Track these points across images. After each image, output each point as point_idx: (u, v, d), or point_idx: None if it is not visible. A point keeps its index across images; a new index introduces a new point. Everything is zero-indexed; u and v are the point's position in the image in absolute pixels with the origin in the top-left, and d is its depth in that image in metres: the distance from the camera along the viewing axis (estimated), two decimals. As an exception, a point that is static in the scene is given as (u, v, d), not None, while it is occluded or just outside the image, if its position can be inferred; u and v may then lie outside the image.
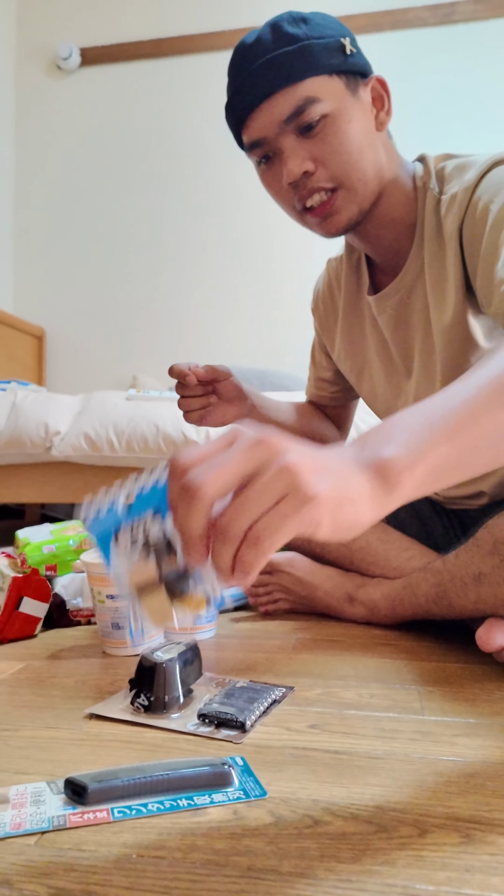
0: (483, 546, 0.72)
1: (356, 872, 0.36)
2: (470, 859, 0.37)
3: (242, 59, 0.73)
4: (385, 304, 0.84)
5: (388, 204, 0.78)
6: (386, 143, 0.77)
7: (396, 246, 0.81)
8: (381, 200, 0.78)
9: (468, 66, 2.56)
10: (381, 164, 0.76)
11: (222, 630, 0.91)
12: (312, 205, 0.75)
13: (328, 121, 0.71)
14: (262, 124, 0.73)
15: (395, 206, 0.78)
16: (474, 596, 0.73)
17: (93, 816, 0.42)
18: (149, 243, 2.78)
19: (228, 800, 0.44)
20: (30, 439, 1.62)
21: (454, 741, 0.53)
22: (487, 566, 0.71)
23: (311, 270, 2.65)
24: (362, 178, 0.74)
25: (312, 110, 0.70)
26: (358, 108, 0.73)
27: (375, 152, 0.75)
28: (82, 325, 2.81)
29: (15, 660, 0.77)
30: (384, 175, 0.76)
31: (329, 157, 0.72)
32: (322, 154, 0.72)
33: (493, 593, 0.71)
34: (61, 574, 0.94)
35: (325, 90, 0.71)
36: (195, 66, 2.77)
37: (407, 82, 2.54)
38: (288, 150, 0.73)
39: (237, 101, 0.74)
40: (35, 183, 2.88)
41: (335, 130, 0.71)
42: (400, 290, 0.82)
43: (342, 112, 0.72)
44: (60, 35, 2.87)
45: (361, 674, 0.71)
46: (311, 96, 0.70)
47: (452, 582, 0.75)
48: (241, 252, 2.71)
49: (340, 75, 0.72)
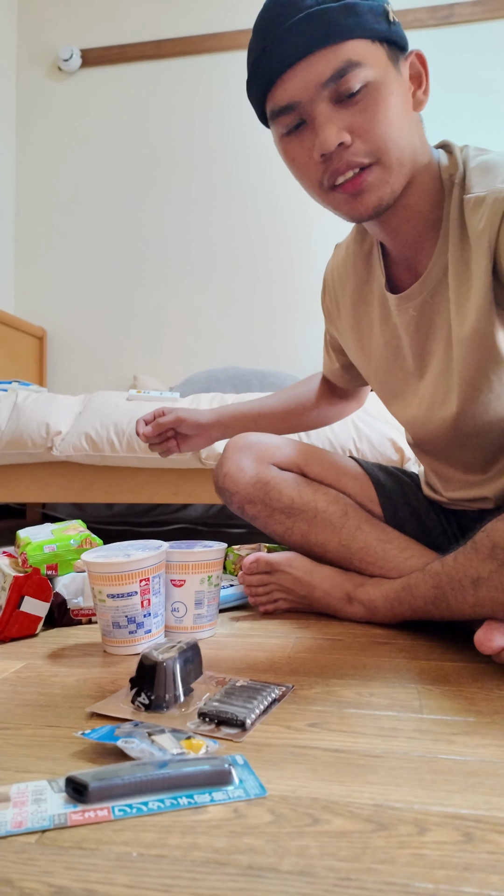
0: (481, 550, 0.72)
1: (356, 871, 0.36)
2: (469, 857, 0.38)
3: (276, 14, 0.64)
4: (408, 305, 0.80)
5: (415, 193, 0.73)
6: (419, 126, 0.72)
7: (417, 240, 0.77)
8: (409, 188, 0.72)
9: (467, 67, 2.56)
10: (415, 147, 0.70)
11: (222, 629, 0.91)
12: (343, 181, 0.68)
13: (370, 89, 0.64)
14: (297, 86, 0.65)
15: (421, 197, 0.74)
16: (472, 599, 0.73)
17: (93, 815, 0.42)
18: (149, 244, 2.78)
19: (229, 798, 0.44)
20: (31, 439, 1.62)
21: (453, 739, 0.54)
22: (485, 570, 0.71)
23: (310, 271, 2.66)
24: (399, 157, 0.68)
25: (356, 75, 0.63)
26: (399, 82, 0.67)
27: (412, 133, 0.69)
28: (83, 326, 2.81)
29: (16, 659, 0.77)
30: (417, 159, 0.71)
31: (369, 129, 0.65)
32: (361, 125, 0.65)
33: (490, 597, 0.71)
34: (62, 573, 0.94)
35: (369, 55, 0.64)
36: (196, 67, 2.77)
37: (407, 83, 2.54)
38: (323, 117, 0.65)
39: (266, 61, 0.66)
40: (36, 184, 2.88)
41: (377, 101, 0.65)
42: (424, 290, 0.78)
43: (385, 82, 0.65)
44: (61, 37, 2.88)
45: (361, 672, 0.71)
46: (354, 60, 0.63)
47: (450, 585, 0.75)
48: (242, 253, 2.71)
49: (384, 43, 0.65)
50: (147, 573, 0.78)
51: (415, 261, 0.80)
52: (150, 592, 0.79)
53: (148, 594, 0.79)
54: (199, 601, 0.85)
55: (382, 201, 0.70)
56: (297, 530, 0.97)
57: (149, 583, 0.79)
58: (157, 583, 0.80)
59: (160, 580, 0.82)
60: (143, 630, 0.79)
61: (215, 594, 0.88)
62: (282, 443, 1.03)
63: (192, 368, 2.67)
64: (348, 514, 0.96)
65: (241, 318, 2.70)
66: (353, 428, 1.53)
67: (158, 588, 0.81)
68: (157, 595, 0.81)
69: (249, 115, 2.69)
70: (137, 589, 0.78)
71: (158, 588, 0.81)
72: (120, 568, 0.77)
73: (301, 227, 2.63)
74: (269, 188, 2.64)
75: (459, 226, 0.73)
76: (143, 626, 0.79)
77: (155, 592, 0.80)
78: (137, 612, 0.78)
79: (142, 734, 0.51)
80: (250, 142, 2.67)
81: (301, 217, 2.63)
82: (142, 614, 0.79)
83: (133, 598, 0.78)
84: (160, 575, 0.82)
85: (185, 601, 0.85)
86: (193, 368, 2.67)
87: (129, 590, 0.77)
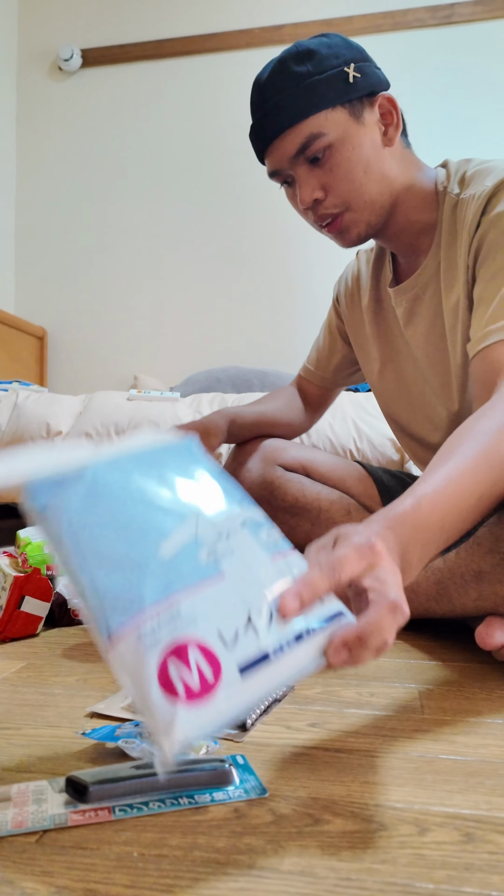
0: (484, 544, 0.72)
1: (356, 871, 0.36)
2: (470, 858, 0.38)
3: (254, 101, 0.81)
4: (401, 298, 0.89)
5: (404, 209, 0.83)
6: (398, 153, 0.82)
7: (416, 243, 0.86)
8: (396, 208, 0.83)
9: (467, 67, 2.56)
10: (390, 179, 0.81)
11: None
12: (325, 224, 0.83)
13: (333, 151, 0.77)
14: (276, 159, 0.81)
15: (413, 210, 0.83)
16: (475, 594, 0.73)
17: (94, 815, 0.42)
18: (149, 244, 2.78)
19: (229, 798, 0.44)
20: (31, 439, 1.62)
21: (453, 739, 0.54)
22: (488, 564, 0.71)
23: (310, 271, 2.66)
24: (368, 199, 0.80)
25: (317, 144, 0.77)
26: (362, 132, 0.78)
27: (383, 168, 0.80)
28: (84, 326, 2.81)
29: (17, 658, 0.77)
30: (395, 186, 0.82)
31: (335, 185, 0.79)
32: (330, 183, 0.79)
33: (493, 591, 0.72)
34: (62, 573, 0.94)
35: (328, 124, 0.77)
36: (196, 67, 2.77)
37: (406, 84, 2.54)
38: (301, 179, 0.80)
39: (255, 139, 0.83)
40: (36, 183, 2.88)
41: (340, 160, 0.78)
42: (417, 285, 0.86)
43: (345, 140, 0.77)
44: (62, 36, 2.88)
45: (361, 672, 0.71)
46: (314, 132, 0.77)
47: (453, 580, 0.76)
48: (242, 253, 2.71)
49: (343, 105, 0.77)
50: None
51: (416, 261, 0.87)
52: None
53: None
54: None
55: (361, 234, 0.83)
56: (301, 530, 0.98)
57: None
58: None
59: None
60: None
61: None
62: (287, 444, 1.05)
63: (192, 368, 2.67)
64: (351, 513, 0.97)
65: (241, 318, 2.70)
66: (353, 428, 1.53)
67: None
68: None
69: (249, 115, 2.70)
70: None
71: None
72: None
73: (301, 228, 2.63)
74: (269, 188, 2.64)
75: (451, 224, 0.81)
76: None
77: None
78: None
79: (143, 734, 0.51)
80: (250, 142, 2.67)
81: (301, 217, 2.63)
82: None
83: None
84: None
85: None
86: (193, 368, 2.67)
87: None
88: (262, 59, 2.69)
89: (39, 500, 0.42)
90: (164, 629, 0.37)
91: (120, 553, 0.40)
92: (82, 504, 0.42)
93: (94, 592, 0.39)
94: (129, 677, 0.36)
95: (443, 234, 0.82)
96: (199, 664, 0.36)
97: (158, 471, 0.45)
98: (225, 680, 0.36)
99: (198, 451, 0.49)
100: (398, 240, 0.86)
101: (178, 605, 0.38)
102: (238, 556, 0.42)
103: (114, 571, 0.39)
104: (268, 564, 0.42)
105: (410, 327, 0.89)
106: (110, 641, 0.37)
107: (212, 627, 0.37)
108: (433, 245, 0.83)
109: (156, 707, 0.34)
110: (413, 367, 0.92)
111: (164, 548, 0.40)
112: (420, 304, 0.86)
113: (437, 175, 0.84)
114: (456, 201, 0.81)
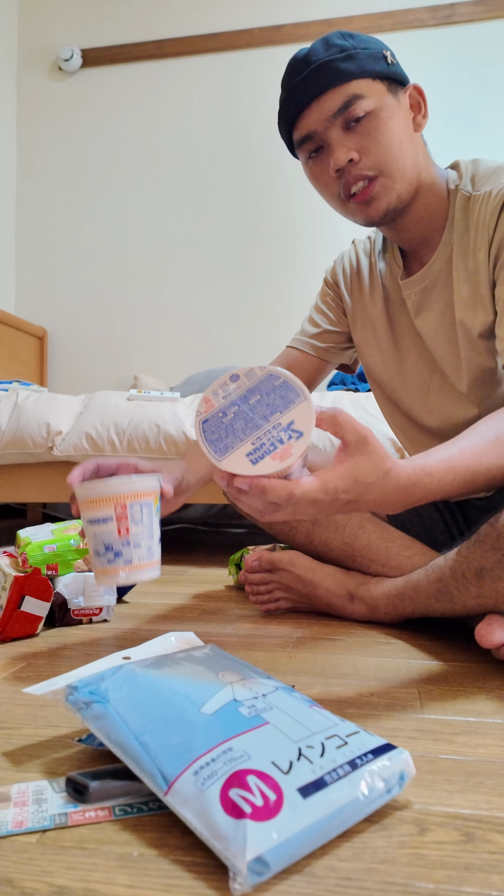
0: (485, 541, 0.72)
1: (356, 870, 0.36)
2: (470, 857, 0.38)
3: (294, 68, 0.81)
4: (410, 291, 0.90)
5: (424, 200, 0.85)
6: (422, 146, 0.85)
7: (427, 237, 0.88)
8: (416, 200, 0.84)
9: (468, 67, 2.56)
10: (418, 162, 0.83)
11: (222, 629, 0.91)
12: (356, 191, 0.81)
13: (371, 116, 0.78)
14: (313, 119, 0.80)
15: (428, 205, 0.85)
16: (476, 591, 0.73)
17: (94, 815, 0.42)
18: (149, 244, 2.78)
19: (229, 798, 0.44)
20: (31, 439, 1.62)
21: (454, 739, 0.54)
22: (489, 561, 0.71)
23: (310, 271, 2.66)
24: (401, 168, 0.81)
25: (358, 106, 0.78)
26: (398, 108, 0.80)
27: (413, 149, 0.82)
28: (84, 326, 2.81)
29: (17, 658, 0.77)
30: (422, 173, 0.83)
31: (372, 147, 0.79)
32: (365, 145, 0.79)
33: (494, 588, 0.72)
34: (62, 573, 0.94)
35: (369, 90, 0.79)
36: (196, 67, 2.77)
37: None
38: (335, 141, 0.80)
39: (290, 103, 0.82)
40: (36, 183, 2.88)
41: (377, 125, 0.79)
42: (426, 278, 0.88)
43: (384, 109, 0.79)
44: (62, 36, 2.88)
45: (361, 672, 0.71)
46: (357, 94, 0.78)
47: (454, 577, 0.75)
48: (242, 252, 2.71)
49: (383, 80, 0.80)
50: (124, 499, 0.74)
51: (425, 255, 0.89)
52: (128, 520, 0.74)
53: (126, 521, 0.74)
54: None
55: (390, 206, 0.82)
56: (301, 529, 0.98)
57: (126, 509, 0.74)
58: (138, 511, 0.75)
59: (143, 510, 0.76)
60: (121, 559, 0.74)
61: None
62: None
63: (192, 368, 2.67)
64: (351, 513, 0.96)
65: (241, 317, 2.70)
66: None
67: (140, 517, 0.75)
68: (139, 524, 0.75)
69: (249, 115, 2.69)
70: (112, 515, 0.73)
71: (140, 517, 0.75)
72: (94, 491, 0.73)
73: (301, 228, 2.63)
74: (269, 188, 2.64)
75: (463, 220, 0.83)
76: (121, 555, 0.74)
77: (136, 521, 0.75)
78: (115, 540, 0.74)
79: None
80: (250, 142, 2.67)
81: (302, 217, 2.63)
82: (120, 542, 0.74)
83: (108, 523, 0.74)
84: (144, 504, 0.76)
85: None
86: (193, 368, 2.67)
87: (103, 515, 0.73)
88: (261, 59, 2.69)
89: (84, 692, 0.48)
90: (220, 765, 0.40)
91: (167, 717, 0.45)
92: (124, 686, 0.49)
93: (147, 753, 0.42)
94: (192, 814, 0.38)
95: (455, 229, 0.84)
96: (261, 787, 0.38)
97: (187, 662, 0.55)
98: (288, 798, 0.38)
99: (220, 651, 0.59)
100: (413, 230, 0.87)
101: (231, 746, 0.41)
102: (278, 709, 0.47)
103: (163, 733, 0.44)
104: (309, 711, 0.47)
105: (420, 317, 0.91)
106: (168, 786, 0.40)
107: (265, 760, 0.40)
108: (443, 240, 0.85)
109: (224, 829, 0.36)
110: (418, 356, 0.93)
111: (206, 707, 0.46)
112: (429, 295, 0.89)
113: (449, 175, 0.87)
114: (469, 197, 0.83)
